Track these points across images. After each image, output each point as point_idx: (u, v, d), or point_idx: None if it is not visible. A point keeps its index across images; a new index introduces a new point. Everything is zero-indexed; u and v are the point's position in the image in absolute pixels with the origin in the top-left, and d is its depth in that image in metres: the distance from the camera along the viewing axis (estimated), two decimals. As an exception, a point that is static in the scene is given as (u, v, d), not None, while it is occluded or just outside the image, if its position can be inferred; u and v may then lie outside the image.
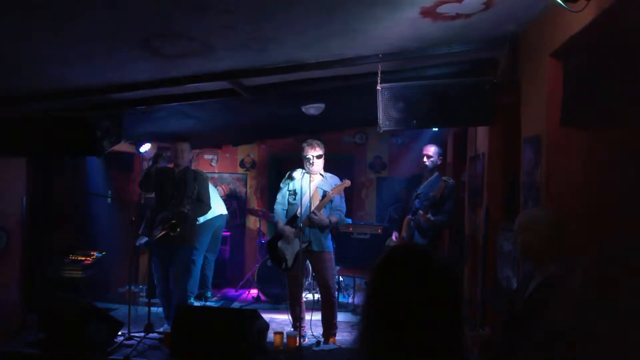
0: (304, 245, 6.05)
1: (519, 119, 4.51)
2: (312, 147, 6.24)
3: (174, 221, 6.41)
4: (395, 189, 8.52)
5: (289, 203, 6.37)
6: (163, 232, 6.42)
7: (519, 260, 4.26)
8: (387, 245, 7.22)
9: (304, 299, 6.63)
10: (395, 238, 7.21)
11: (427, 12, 3.91)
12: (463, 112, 4.93)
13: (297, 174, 6.36)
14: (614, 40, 3.34)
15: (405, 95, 4.96)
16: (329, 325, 6.23)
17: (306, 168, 6.18)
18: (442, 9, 3.87)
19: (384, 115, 4.99)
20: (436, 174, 6.83)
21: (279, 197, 6.48)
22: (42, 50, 4.52)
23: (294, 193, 6.30)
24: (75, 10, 3.65)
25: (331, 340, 6.20)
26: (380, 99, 4.98)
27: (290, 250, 6.17)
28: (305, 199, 6.13)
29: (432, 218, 6.42)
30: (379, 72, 5.03)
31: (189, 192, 6.68)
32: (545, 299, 2.91)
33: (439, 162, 6.92)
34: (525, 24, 4.34)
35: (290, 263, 6.19)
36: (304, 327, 6.37)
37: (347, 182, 6.29)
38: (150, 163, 6.86)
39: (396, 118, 4.99)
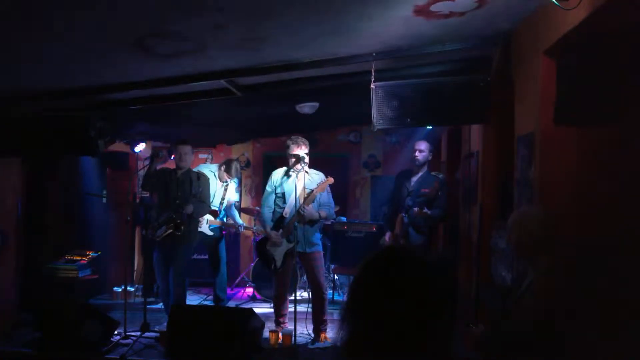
0: (291, 246, 6.07)
1: (512, 117, 4.52)
2: (299, 145, 6.20)
3: (178, 220, 6.54)
4: (390, 187, 8.53)
5: (277, 205, 6.37)
6: (169, 231, 6.51)
7: (513, 258, 4.28)
8: (381, 244, 7.22)
9: (299, 297, 6.65)
10: (388, 238, 7.21)
11: (420, 11, 3.92)
12: (457, 110, 4.95)
13: (281, 173, 6.39)
14: (607, 38, 3.35)
15: (399, 93, 4.97)
16: (320, 322, 6.28)
17: (293, 167, 6.17)
18: (435, 7, 3.88)
19: (378, 113, 5.00)
20: (425, 169, 6.86)
21: (264, 199, 6.48)
22: (37, 51, 4.52)
23: (282, 196, 6.32)
24: (69, 11, 3.65)
25: (322, 335, 6.24)
26: (374, 97, 4.99)
27: (279, 251, 6.21)
28: (292, 200, 6.15)
29: (429, 212, 6.44)
30: (373, 70, 5.04)
31: (194, 191, 6.82)
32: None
33: (429, 158, 6.91)
34: (518, 22, 4.35)
35: (279, 264, 6.22)
36: (286, 322, 6.46)
37: (330, 180, 6.26)
38: (147, 163, 6.91)
39: (390, 116, 5.00)
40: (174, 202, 6.75)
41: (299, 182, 6.12)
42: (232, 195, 8.29)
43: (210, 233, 7.80)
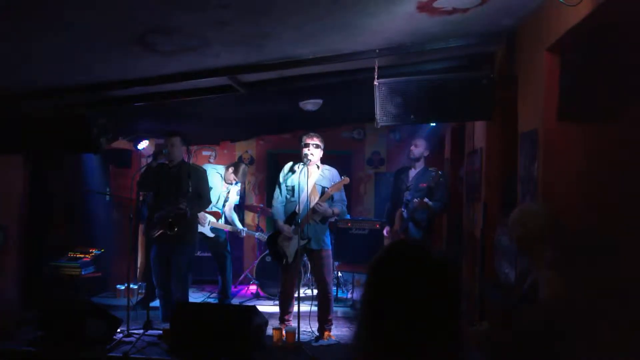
0: (303, 243, 6.06)
1: (516, 113, 4.50)
2: (311, 137, 6.29)
3: (170, 220, 6.39)
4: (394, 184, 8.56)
5: (287, 200, 6.37)
6: (160, 232, 6.41)
7: (516, 255, 4.26)
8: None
9: (303, 294, 6.64)
10: (387, 233, 7.24)
11: (423, 7, 3.91)
12: (460, 107, 4.93)
13: (296, 167, 6.37)
14: (610, 34, 3.34)
15: (402, 90, 4.96)
16: (325, 321, 6.28)
17: (304, 159, 6.19)
18: (438, 4, 3.87)
19: (382, 110, 4.99)
20: (422, 165, 6.95)
21: (277, 193, 6.47)
22: (39, 48, 4.51)
23: (292, 189, 6.31)
24: (71, 7, 3.65)
25: (326, 334, 6.23)
26: (377, 94, 4.98)
27: (291, 246, 6.21)
28: (304, 196, 6.14)
29: (430, 203, 6.50)
30: (376, 67, 5.03)
31: (184, 188, 6.61)
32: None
33: (425, 154, 7.04)
34: (522, 18, 4.34)
35: (291, 259, 6.21)
36: (290, 320, 6.46)
37: (346, 180, 6.29)
38: (150, 160, 6.82)
39: (394, 113, 4.99)
40: (168, 198, 6.59)
41: (310, 177, 6.13)
42: (234, 198, 8.28)
43: (211, 235, 7.75)
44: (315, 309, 6.45)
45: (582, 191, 3.66)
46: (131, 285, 7.07)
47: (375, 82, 4.99)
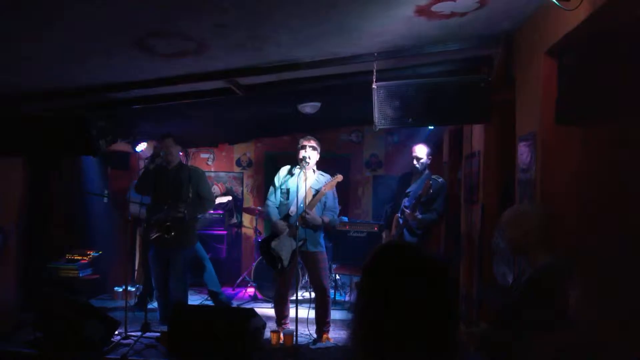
0: (299, 244, 6.04)
1: (514, 116, 4.52)
2: (308, 139, 6.25)
3: (168, 224, 6.40)
4: (392, 187, 8.57)
5: (280, 203, 6.36)
6: (157, 235, 6.42)
7: (514, 257, 4.27)
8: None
9: (301, 297, 6.63)
10: (385, 238, 7.21)
11: (422, 11, 3.92)
12: (458, 109, 4.95)
13: (293, 170, 6.35)
14: (608, 38, 3.35)
15: (400, 93, 4.98)
16: (323, 323, 6.26)
17: (300, 163, 6.19)
18: (436, 8, 3.88)
19: (380, 113, 5.01)
20: (427, 172, 6.85)
21: (272, 196, 6.43)
22: (38, 50, 4.52)
23: (287, 192, 6.30)
24: (70, 9, 3.65)
25: (324, 337, 6.22)
26: (375, 97, 4.99)
27: (285, 250, 6.16)
28: (299, 198, 6.13)
29: (419, 216, 6.44)
30: (374, 70, 5.04)
31: (184, 194, 6.61)
32: (539, 283, 2.92)
33: (428, 162, 6.91)
34: (519, 22, 4.35)
35: (286, 263, 6.17)
36: (287, 323, 6.45)
37: (340, 177, 6.26)
38: (147, 162, 6.81)
39: (392, 116, 5.01)
40: (167, 201, 6.57)
41: (306, 180, 6.11)
42: None
43: None
44: (312, 311, 6.44)
45: (580, 193, 3.67)
46: (129, 287, 7.07)
47: (374, 85, 5.01)
